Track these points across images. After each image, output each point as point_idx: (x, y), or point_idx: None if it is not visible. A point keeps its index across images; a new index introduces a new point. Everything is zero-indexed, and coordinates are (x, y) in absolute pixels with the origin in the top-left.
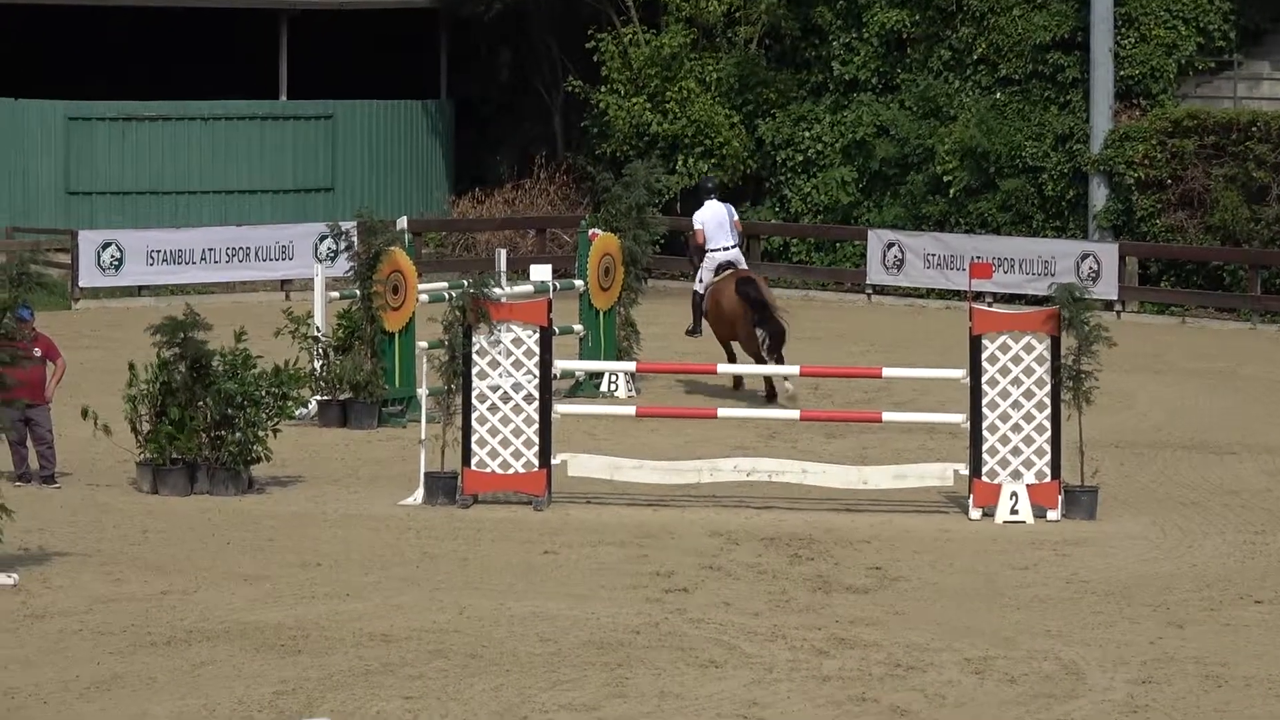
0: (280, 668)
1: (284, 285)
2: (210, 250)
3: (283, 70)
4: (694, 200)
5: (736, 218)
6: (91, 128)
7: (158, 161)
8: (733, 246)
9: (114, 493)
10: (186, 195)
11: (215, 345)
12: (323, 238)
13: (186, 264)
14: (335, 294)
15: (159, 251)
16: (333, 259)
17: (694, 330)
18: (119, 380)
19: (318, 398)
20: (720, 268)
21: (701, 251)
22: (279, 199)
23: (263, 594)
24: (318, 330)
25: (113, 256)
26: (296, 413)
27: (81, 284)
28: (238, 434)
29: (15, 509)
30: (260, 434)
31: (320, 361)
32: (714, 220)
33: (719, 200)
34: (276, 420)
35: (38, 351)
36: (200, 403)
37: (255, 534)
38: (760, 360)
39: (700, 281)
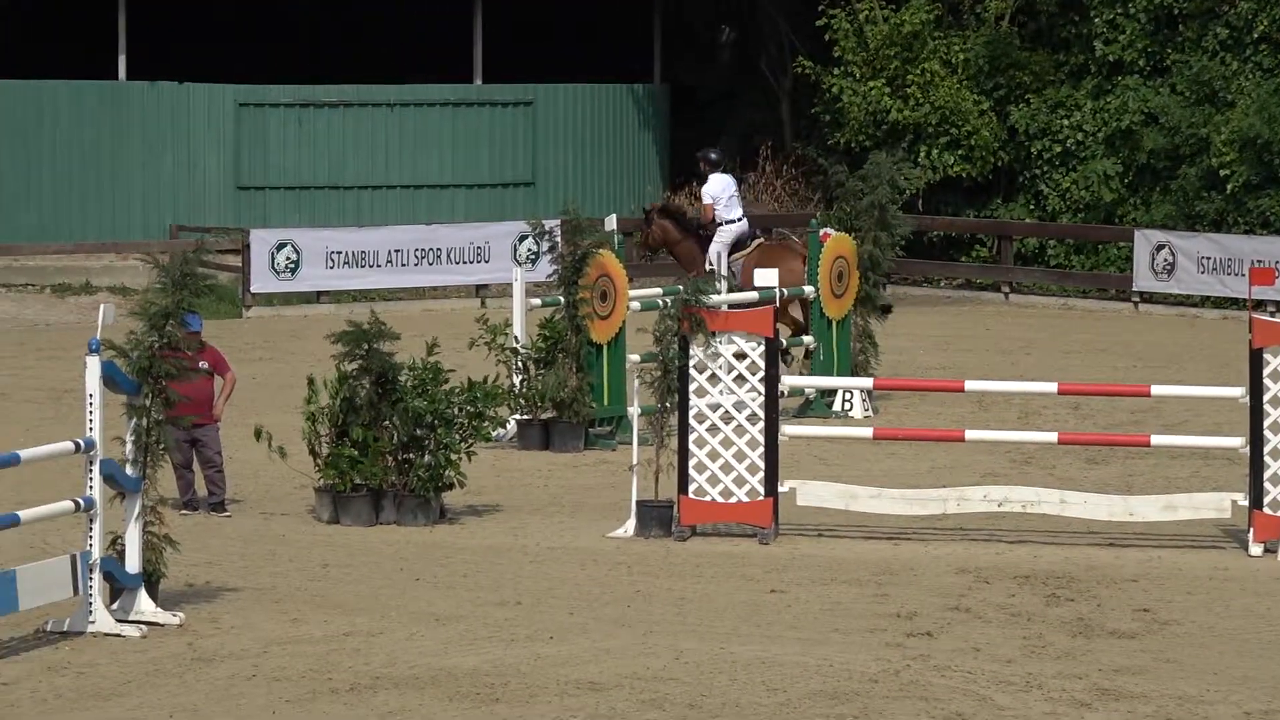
0: (476, 718)
1: (479, 291)
2: (397, 251)
3: (478, 51)
4: (934, 196)
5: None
6: (264, 115)
7: (338, 152)
8: (743, 218)
9: (290, 522)
10: (370, 190)
11: (403, 358)
12: (522, 238)
13: (370, 266)
14: (536, 301)
15: (339, 253)
16: (534, 261)
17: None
18: (295, 396)
19: (517, 417)
20: (738, 241)
21: (706, 227)
22: (474, 194)
23: (456, 636)
24: (516, 341)
25: (288, 258)
26: (493, 434)
27: (253, 289)
28: (428, 457)
29: (181, 540)
30: (453, 457)
31: (520, 376)
32: (725, 193)
33: (724, 171)
34: (471, 442)
35: (205, 364)
36: (386, 422)
37: (447, 569)
38: (804, 332)
39: (718, 257)
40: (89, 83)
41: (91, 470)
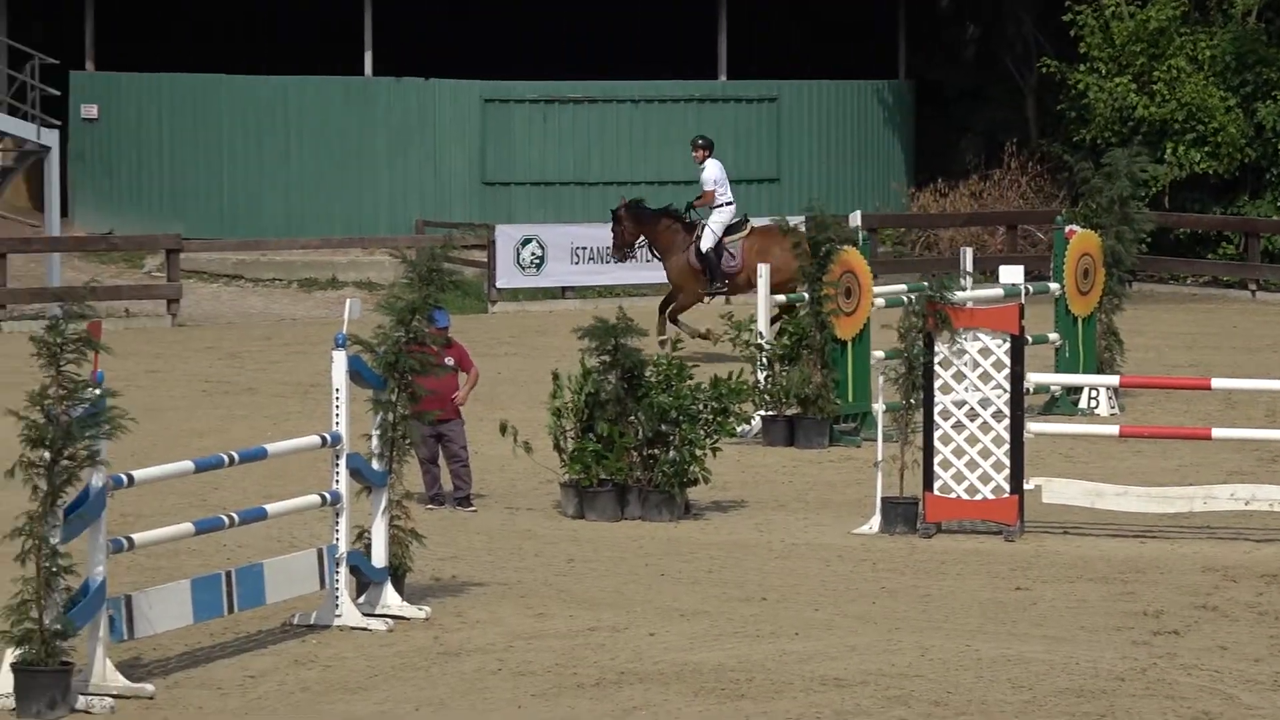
0: (721, 714)
1: None
2: (642, 247)
3: (722, 47)
4: (1180, 193)
5: None
6: (510, 111)
7: (583, 148)
8: (733, 202)
9: (536, 517)
10: (615, 186)
11: (648, 354)
12: None
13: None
14: (781, 297)
15: (584, 248)
16: None
17: (721, 288)
18: (540, 392)
19: (761, 413)
20: (733, 225)
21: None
22: None
23: (701, 631)
24: (761, 338)
25: (533, 254)
26: (738, 430)
27: (499, 284)
28: (672, 453)
29: (427, 534)
30: (698, 453)
31: (764, 373)
32: (722, 179)
33: (714, 157)
34: (716, 438)
35: (450, 360)
36: (631, 418)
37: (692, 564)
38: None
39: (711, 236)
40: (336, 79)
41: (338, 464)
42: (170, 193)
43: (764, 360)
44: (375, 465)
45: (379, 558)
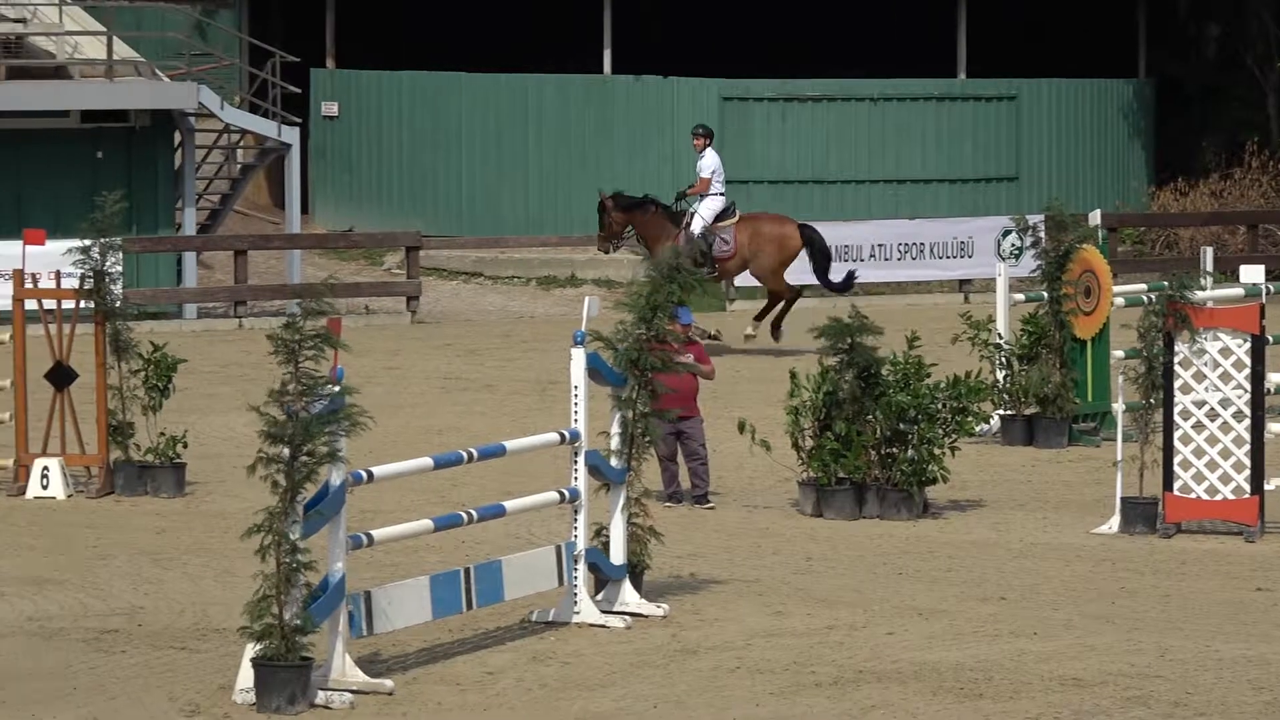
0: (959, 713)
1: (962, 285)
2: (880, 246)
3: (961, 45)
4: None
5: None
6: (748, 109)
7: (821, 147)
8: (724, 192)
9: (773, 515)
10: (853, 185)
11: (886, 352)
12: (1005, 233)
13: (853, 261)
14: (1020, 296)
15: None
16: (1017, 257)
17: (711, 273)
18: (778, 390)
19: (1000, 412)
20: (723, 212)
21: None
22: (956, 189)
23: (939, 630)
24: (999, 337)
25: None
26: (977, 429)
27: (738, 282)
28: (910, 452)
29: (664, 531)
30: (936, 452)
31: (1003, 372)
32: (718, 169)
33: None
34: (954, 437)
35: (690, 357)
36: (869, 416)
37: (930, 563)
38: (779, 298)
39: (701, 222)
40: (575, 77)
41: (576, 461)
42: (410, 190)
43: (1003, 359)
44: (614, 462)
45: (617, 555)
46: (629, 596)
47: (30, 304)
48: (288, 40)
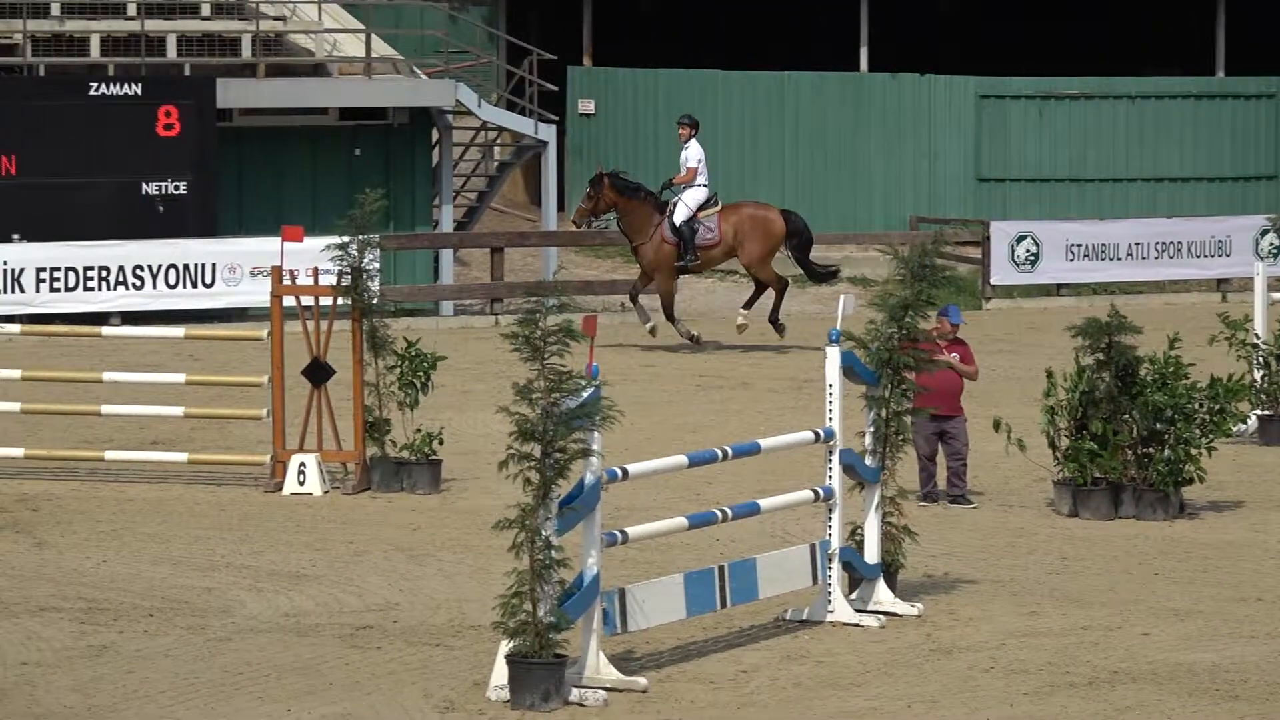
0: (1215, 715)
1: (1220, 285)
2: (1137, 245)
3: (1220, 42)
4: None
5: None
6: (1005, 107)
7: (1078, 145)
8: (708, 185)
9: (1029, 515)
10: (1110, 183)
11: (1144, 351)
12: (1264, 232)
13: (1110, 259)
14: (1278, 296)
15: (1079, 245)
16: (1275, 255)
17: (694, 259)
18: (1033, 389)
19: (1257, 412)
20: (706, 202)
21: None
22: (1215, 188)
23: (1195, 631)
24: (1257, 336)
25: (1028, 250)
26: (1234, 429)
27: (993, 280)
28: (1167, 452)
29: (919, 531)
30: (1193, 452)
31: (1260, 372)
32: (703, 160)
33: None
34: (1212, 437)
35: (955, 357)
36: (1125, 416)
37: (1186, 564)
38: (765, 287)
39: (685, 210)
40: (831, 74)
41: (831, 460)
42: None
43: (1260, 359)
44: (868, 461)
45: (871, 554)
46: (883, 595)
47: (288, 300)
48: (545, 38)
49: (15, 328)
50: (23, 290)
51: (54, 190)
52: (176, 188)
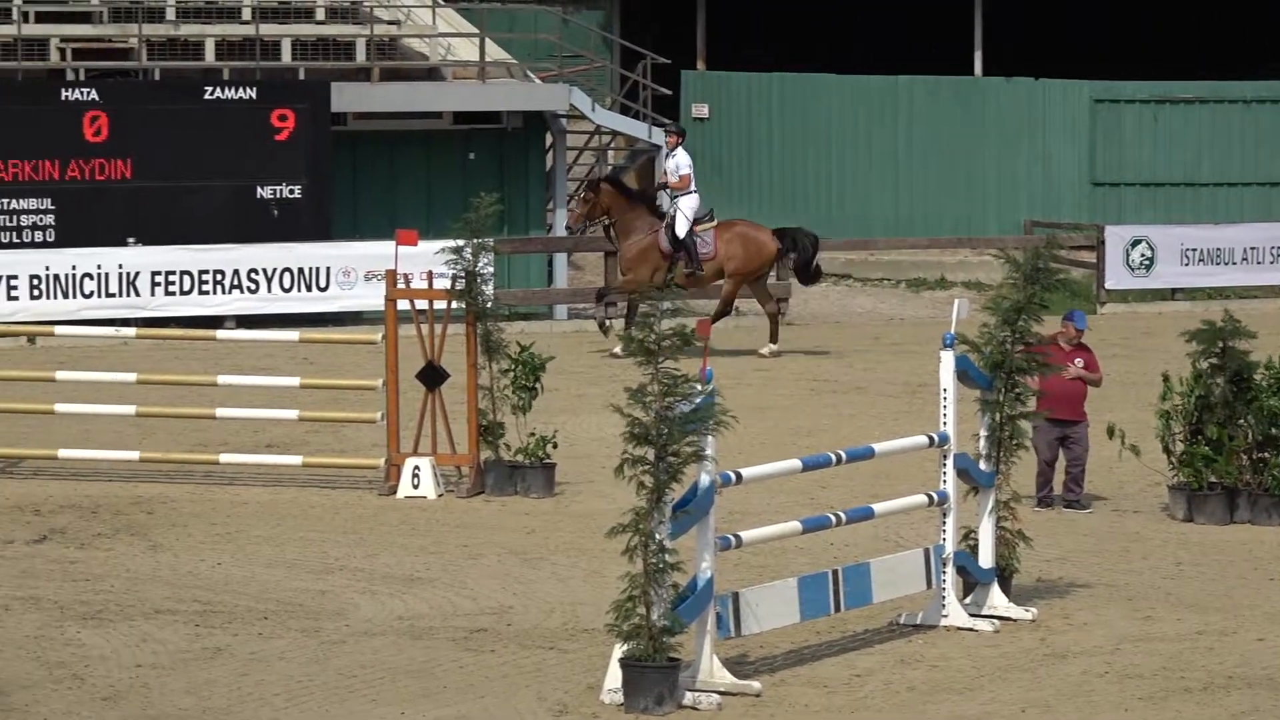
0: None
1: None
2: (1252, 249)
3: None
4: None
5: None
6: (1119, 111)
7: (1193, 149)
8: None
9: (1143, 519)
10: (1225, 187)
11: (1258, 356)
12: None
13: (1225, 264)
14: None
15: (1194, 250)
16: None
17: (698, 269)
18: (1148, 394)
19: None
20: (703, 216)
21: (663, 196)
22: None
23: None
24: None
25: (1143, 255)
26: None
27: (1108, 285)
28: None
29: (1033, 535)
30: None
31: None
32: (693, 168)
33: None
34: None
35: (1079, 363)
36: (1241, 421)
37: None
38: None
39: (685, 221)
40: (945, 78)
41: (945, 464)
42: (779, 191)
43: None
44: (983, 466)
45: (986, 558)
46: (997, 600)
47: (402, 304)
48: (658, 43)
49: (130, 331)
50: (138, 294)
51: (169, 194)
52: (291, 191)
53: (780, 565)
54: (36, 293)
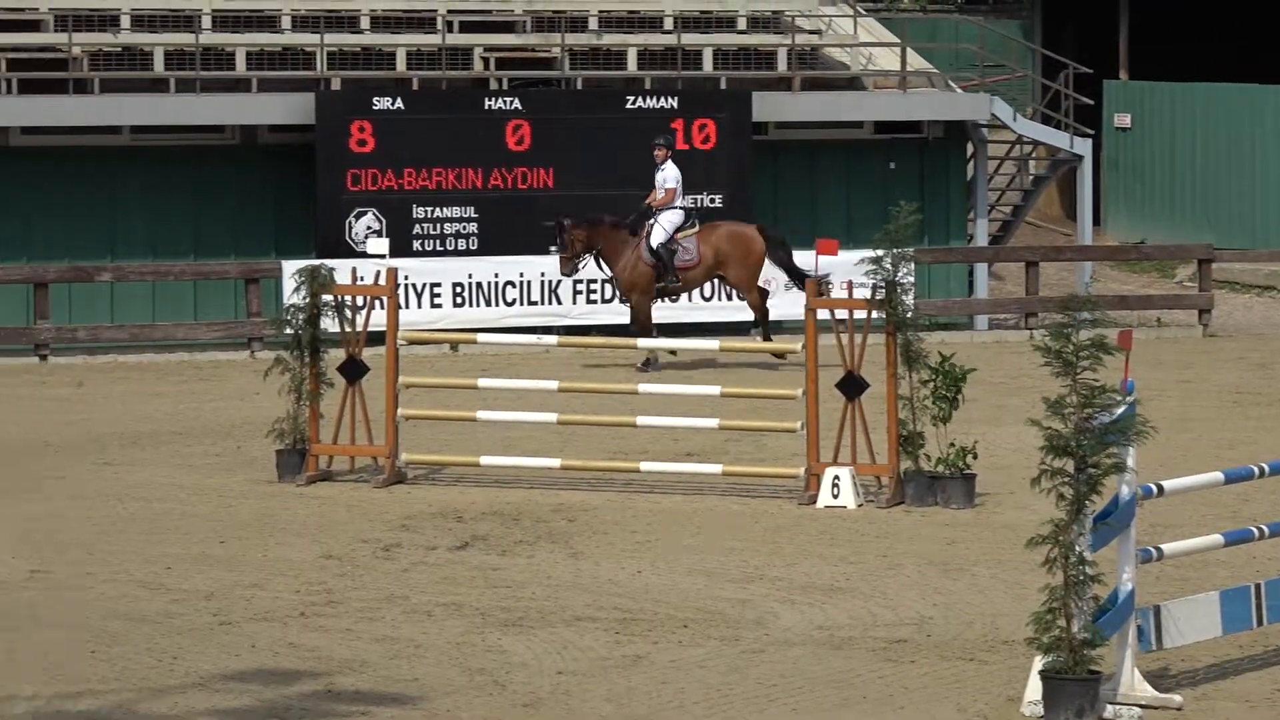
0: None
1: None
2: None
3: None
4: None
5: None
6: None
7: None
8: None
9: None
10: None
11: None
12: None
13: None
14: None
15: None
16: None
17: (675, 281)
18: None
19: None
20: (684, 224)
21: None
22: None
23: None
24: None
25: None
26: None
27: None
28: None
29: None
30: None
31: None
32: (680, 181)
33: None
34: None
35: None
36: None
37: None
38: (758, 305)
39: (662, 232)
40: None
41: None
42: (1202, 202)
43: None
44: None
45: None
46: None
47: (822, 313)
48: (1080, 52)
49: (552, 339)
50: (560, 302)
51: (591, 203)
52: (712, 200)
53: (1201, 579)
54: (459, 300)
